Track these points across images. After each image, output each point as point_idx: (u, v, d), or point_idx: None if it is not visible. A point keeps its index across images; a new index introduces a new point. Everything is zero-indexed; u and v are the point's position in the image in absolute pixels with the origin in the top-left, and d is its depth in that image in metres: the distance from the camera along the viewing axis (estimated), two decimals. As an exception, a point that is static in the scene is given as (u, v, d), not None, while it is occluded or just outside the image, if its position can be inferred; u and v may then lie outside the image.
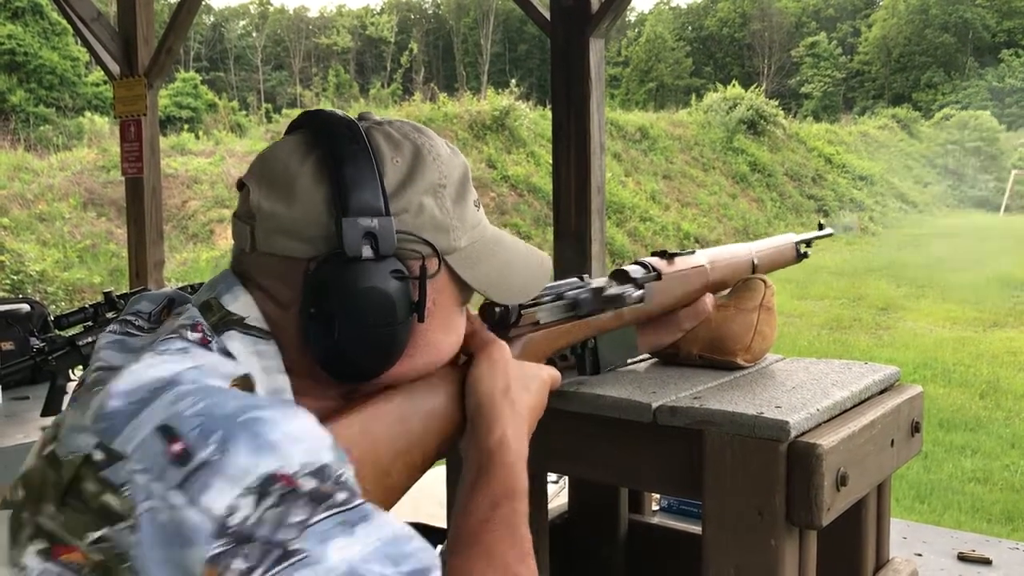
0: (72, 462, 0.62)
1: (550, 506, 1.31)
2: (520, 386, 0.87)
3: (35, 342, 2.89)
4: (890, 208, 24.22)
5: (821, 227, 1.53)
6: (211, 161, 14.56)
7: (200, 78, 25.32)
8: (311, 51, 47.88)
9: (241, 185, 0.79)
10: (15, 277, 9.73)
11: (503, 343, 0.88)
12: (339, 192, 0.73)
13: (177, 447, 0.60)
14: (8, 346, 2.86)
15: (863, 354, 8.77)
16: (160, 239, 4.47)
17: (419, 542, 0.65)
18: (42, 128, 16.72)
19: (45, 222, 11.21)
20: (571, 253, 3.06)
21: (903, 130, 32.95)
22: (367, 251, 0.73)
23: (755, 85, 27.50)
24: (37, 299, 4.17)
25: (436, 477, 1.14)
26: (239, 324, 0.75)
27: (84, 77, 20.91)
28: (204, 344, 0.72)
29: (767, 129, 23.40)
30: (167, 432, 0.61)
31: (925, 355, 9.06)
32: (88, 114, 17.81)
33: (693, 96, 28.88)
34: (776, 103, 26.11)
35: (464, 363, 0.88)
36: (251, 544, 0.57)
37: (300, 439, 0.62)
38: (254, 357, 0.74)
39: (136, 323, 0.80)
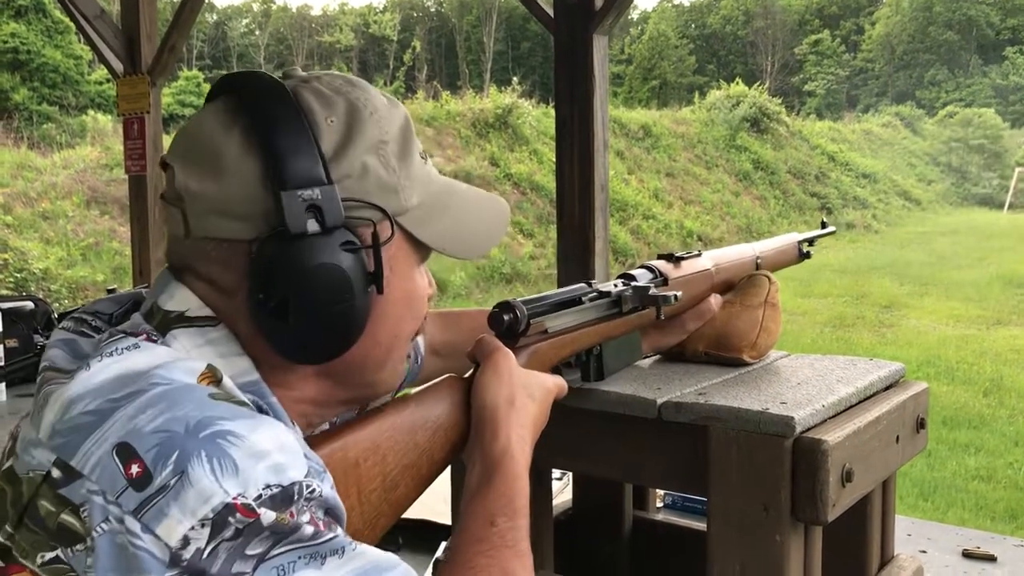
0: (33, 480, 0.60)
1: (554, 502, 1.31)
2: (525, 395, 0.85)
3: (39, 339, 2.92)
4: (893, 206, 24.19)
5: (824, 225, 1.53)
6: (214, 159, 14.50)
7: (203, 76, 25.34)
8: (314, 49, 47.83)
9: (165, 165, 0.73)
10: (19, 275, 9.74)
11: (508, 352, 0.87)
12: (273, 163, 0.67)
13: (136, 468, 0.57)
14: (12, 343, 2.87)
15: (866, 352, 8.76)
16: (163, 237, 4.46)
17: (399, 572, 0.63)
18: (45, 126, 16.70)
19: (48, 220, 11.21)
20: (574, 251, 3.06)
21: (906, 128, 32.94)
22: (312, 225, 0.67)
23: (758, 83, 27.47)
24: (40, 297, 4.17)
25: (442, 474, 1.13)
26: (179, 320, 0.70)
27: (87, 75, 20.89)
28: (151, 342, 0.69)
29: (770, 127, 23.38)
30: (125, 451, 0.58)
31: (928, 353, 9.05)
32: (91, 112, 17.80)
33: (696, 94, 28.85)
34: (779, 101, 26.12)
35: (470, 372, 0.87)
36: None
37: (264, 454, 0.59)
38: (206, 348, 0.69)
39: (93, 323, 0.76)
